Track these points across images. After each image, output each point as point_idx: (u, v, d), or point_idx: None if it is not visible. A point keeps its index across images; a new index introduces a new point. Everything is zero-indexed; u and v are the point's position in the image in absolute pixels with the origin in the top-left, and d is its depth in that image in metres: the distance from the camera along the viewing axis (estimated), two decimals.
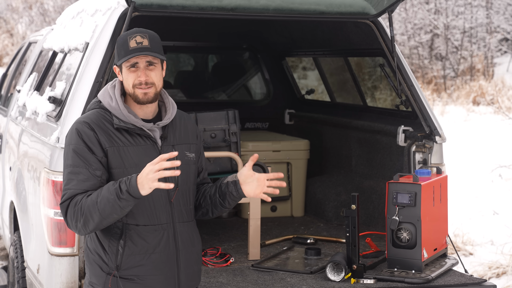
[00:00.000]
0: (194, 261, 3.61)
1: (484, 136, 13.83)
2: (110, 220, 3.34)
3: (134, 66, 3.45)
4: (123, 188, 3.25)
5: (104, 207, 3.29)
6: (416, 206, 4.61)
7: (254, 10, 4.95)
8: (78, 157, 3.40)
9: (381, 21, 5.28)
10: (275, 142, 6.79)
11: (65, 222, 3.42)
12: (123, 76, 3.49)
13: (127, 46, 3.44)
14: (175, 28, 7.05)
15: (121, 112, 3.47)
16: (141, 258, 3.46)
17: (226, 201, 3.57)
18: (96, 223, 3.33)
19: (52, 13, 26.35)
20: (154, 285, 3.48)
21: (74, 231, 3.44)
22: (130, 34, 3.47)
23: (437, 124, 5.23)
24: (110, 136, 3.44)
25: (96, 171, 3.40)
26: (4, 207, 6.55)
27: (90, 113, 3.52)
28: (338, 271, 4.60)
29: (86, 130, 3.43)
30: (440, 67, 19.97)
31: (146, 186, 3.22)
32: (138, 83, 3.44)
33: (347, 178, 6.46)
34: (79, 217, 3.34)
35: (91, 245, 3.54)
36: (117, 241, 3.45)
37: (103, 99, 3.53)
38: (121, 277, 3.45)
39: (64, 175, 3.44)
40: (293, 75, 7.76)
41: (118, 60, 3.47)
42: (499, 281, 7.28)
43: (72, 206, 3.36)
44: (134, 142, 3.47)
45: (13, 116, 6.51)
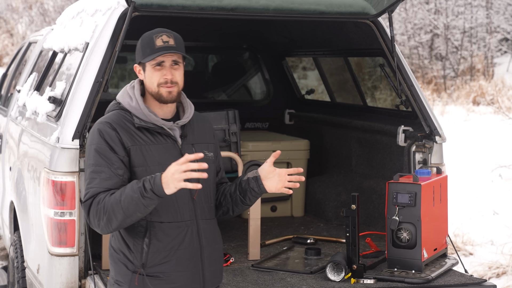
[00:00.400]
0: (217, 259, 3.65)
1: (484, 136, 13.83)
2: (133, 218, 3.36)
3: (159, 64, 3.50)
4: (147, 187, 3.28)
5: (128, 206, 3.31)
6: (416, 206, 4.61)
7: (254, 10, 4.95)
8: (100, 156, 3.43)
9: (381, 21, 5.28)
10: (275, 142, 6.79)
11: (87, 220, 3.44)
12: (147, 74, 3.53)
13: (153, 44, 3.49)
14: (176, 28, 7.04)
15: (141, 111, 3.51)
16: (166, 255, 3.48)
17: (246, 197, 3.61)
18: (119, 222, 3.35)
19: (52, 13, 26.35)
20: (180, 282, 3.50)
21: (96, 230, 3.45)
22: (155, 33, 3.52)
23: (437, 124, 5.23)
24: (132, 135, 3.48)
25: (118, 170, 3.42)
26: (4, 207, 6.55)
27: (110, 114, 3.56)
28: (338, 271, 4.60)
29: (108, 130, 3.47)
30: (440, 67, 19.97)
31: (171, 186, 3.26)
32: (164, 82, 3.49)
33: (347, 178, 6.46)
34: (102, 216, 3.36)
35: (115, 244, 3.56)
36: (142, 239, 3.47)
37: (123, 100, 3.57)
38: (147, 274, 3.47)
39: (86, 175, 3.46)
40: (293, 75, 7.76)
41: (143, 58, 3.50)
42: (499, 281, 7.28)
43: (95, 204, 3.38)
44: (155, 140, 3.51)
45: (13, 116, 6.51)
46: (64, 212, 4.56)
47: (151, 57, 3.47)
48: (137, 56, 3.56)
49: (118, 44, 4.72)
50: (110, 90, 7.98)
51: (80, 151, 4.58)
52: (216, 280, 3.65)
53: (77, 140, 4.57)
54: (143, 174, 3.44)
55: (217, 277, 3.65)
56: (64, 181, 4.55)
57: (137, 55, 3.57)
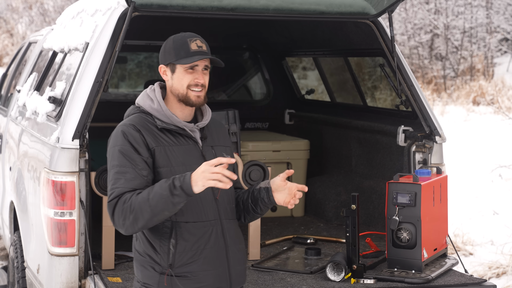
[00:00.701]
0: (241, 259, 3.67)
1: (484, 136, 13.83)
2: (160, 217, 3.37)
3: (192, 68, 3.54)
4: (177, 184, 3.32)
5: (157, 204, 3.33)
6: (416, 206, 4.61)
7: (254, 10, 4.95)
8: (124, 157, 3.45)
9: (381, 21, 5.28)
10: (275, 142, 6.79)
11: (111, 220, 3.44)
12: (176, 76, 3.56)
13: (188, 48, 3.53)
14: (175, 28, 7.05)
15: (163, 113, 3.56)
16: (193, 254, 3.50)
17: (258, 206, 3.66)
18: (146, 220, 3.36)
19: (52, 13, 26.35)
20: (207, 281, 3.52)
21: (120, 230, 3.45)
22: (189, 37, 3.57)
23: (437, 124, 5.23)
24: (156, 137, 3.52)
25: (142, 171, 3.45)
26: (4, 207, 6.55)
27: (132, 117, 3.60)
28: (338, 271, 4.60)
29: (131, 131, 3.50)
30: (440, 67, 19.97)
31: (199, 183, 3.29)
32: (194, 84, 3.54)
33: (347, 178, 6.46)
34: (127, 215, 3.37)
35: (140, 247, 3.57)
36: (168, 239, 3.49)
37: (143, 103, 3.61)
38: (175, 275, 3.49)
39: (110, 175, 3.47)
40: (293, 75, 7.77)
41: (177, 59, 3.53)
42: (499, 281, 7.28)
43: (121, 204, 3.39)
44: (177, 142, 3.55)
45: (13, 116, 6.50)
46: (64, 212, 4.56)
47: (188, 60, 3.52)
48: (167, 56, 3.57)
49: (118, 44, 4.72)
50: (110, 90, 7.99)
51: (80, 151, 4.58)
52: (241, 280, 3.68)
53: (77, 140, 4.57)
54: (168, 174, 3.47)
55: (242, 277, 3.68)
56: (64, 181, 4.55)
57: (166, 55, 3.58)
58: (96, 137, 5.77)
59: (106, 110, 6.33)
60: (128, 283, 4.56)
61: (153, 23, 6.53)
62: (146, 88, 3.71)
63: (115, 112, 7.06)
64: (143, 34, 7.06)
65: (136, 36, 6.78)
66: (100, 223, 4.89)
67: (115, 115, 6.95)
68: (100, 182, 4.80)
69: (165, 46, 3.60)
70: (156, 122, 3.55)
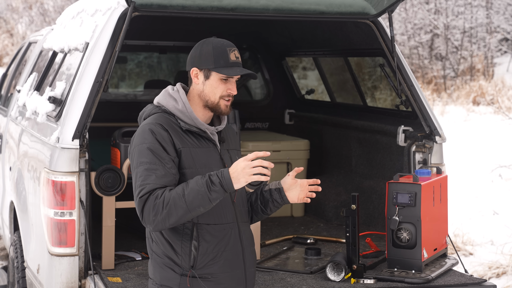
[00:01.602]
0: (253, 261, 3.72)
1: (484, 136, 13.82)
2: (194, 213, 3.39)
3: (226, 78, 3.57)
4: (215, 180, 3.34)
5: (193, 200, 3.34)
6: (416, 206, 4.61)
7: (254, 10, 4.95)
8: (154, 155, 3.45)
9: (381, 21, 5.28)
10: (275, 142, 6.79)
11: (139, 216, 3.43)
12: (210, 83, 3.57)
13: (228, 57, 3.55)
14: (175, 28, 7.06)
15: (188, 114, 3.57)
16: (214, 256, 3.53)
17: (268, 208, 3.69)
18: (179, 216, 3.37)
19: (52, 13, 26.35)
20: (226, 283, 3.56)
21: (149, 226, 3.43)
22: (228, 46, 3.58)
23: (437, 124, 5.23)
24: (181, 138, 3.54)
25: (171, 169, 3.46)
26: (4, 207, 6.55)
27: (156, 116, 3.58)
28: (338, 271, 4.60)
29: (160, 130, 3.50)
30: (440, 67, 19.97)
31: (242, 180, 3.34)
32: (227, 95, 3.58)
33: (347, 178, 6.46)
34: (160, 210, 3.36)
35: (157, 249, 3.56)
36: (190, 241, 3.50)
37: (166, 103, 3.61)
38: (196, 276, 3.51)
39: (140, 171, 3.45)
40: (293, 75, 7.76)
41: (215, 67, 3.54)
42: (499, 281, 7.28)
43: (153, 199, 3.38)
44: (200, 144, 3.57)
45: (13, 116, 6.51)
46: (64, 212, 4.56)
47: (228, 70, 3.54)
48: (203, 61, 3.57)
49: (118, 44, 4.72)
50: (110, 90, 7.98)
51: (80, 151, 4.58)
52: (253, 282, 3.73)
53: (77, 140, 4.57)
54: (192, 175, 3.48)
55: (253, 279, 3.73)
56: (64, 181, 4.56)
57: (202, 60, 3.57)
58: (96, 137, 5.78)
59: (106, 110, 6.34)
60: (128, 283, 4.56)
61: (153, 23, 6.53)
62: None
63: (115, 112, 7.09)
64: (143, 34, 7.06)
65: (136, 36, 6.79)
66: (100, 223, 4.89)
67: (115, 115, 6.99)
68: (100, 182, 4.80)
69: (202, 50, 3.59)
70: (179, 123, 3.56)
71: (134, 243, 5.48)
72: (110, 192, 4.84)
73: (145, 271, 4.81)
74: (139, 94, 8.21)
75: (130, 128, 5.33)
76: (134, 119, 7.02)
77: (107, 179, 4.82)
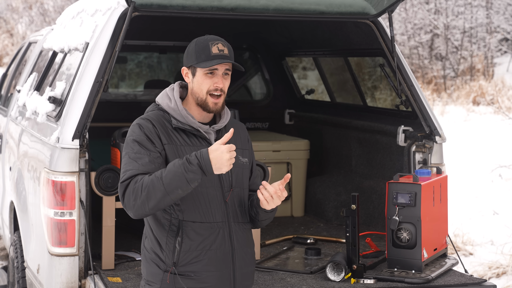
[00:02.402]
0: (249, 262, 3.68)
1: (484, 136, 13.82)
2: (173, 197, 3.38)
3: (212, 72, 3.55)
4: (193, 161, 3.34)
5: (170, 182, 3.34)
6: (416, 206, 4.61)
7: (254, 10, 4.95)
8: (140, 145, 3.49)
9: (381, 21, 5.28)
10: (275, 142, 6.79)
11: (121, 202, 3.45)
12: (197, 79, 3.58)
13: (209, 51, 3.54)
14: (175, 28, 7.05)
15: (179, 112, 3.58)
16: (197, 254, 3.52)
17: (253, 209, 3.68)
18: (157, 200, 3.37)
19: (52, 13, 26.35)
20: (210, 282, 3.54)
21: (130, 212, 3.44)
22: (211, 40, 3.57)
23: (437, 124, 5.23)
24: (169, 135, 3.55)
25: (157, 159, 3.48)
26: (4, 207, 6.55)
27: (150, 113, 3.64)
28: (338, 271, 4.60)
29: (147, 124, 3.54)
30: (440, 67, 19.97)
31: (224, 169, 3.36)
32: (214, 89, 3.56)
33: (347, 178, 6.46)
34: (139, 193, 3.38)
35: (148, 244, 3.60)
36: (175, 237, 3.52)
37: (162, 101, 3.64)
38: (178, 273, 3.51)
39: (124, 160, 3.49)
40: (293, 75, 7.77)
41: (197, 63, 3.55)
42: (499, 281, 7.28)
43: (133, 183, 3.41)
44: (190, 142, 3.57)
45: (13, 116, 6.50)
46: (64, 212, 4.56)
47: (207, 63, 3.53)
48: (189, 59, 3.60)
49: (118, 44, 4.72)
50: (110, 90, 7.98)
51: (80, 151, 4.58)
52: (247, 283, 3.70)
53: (77, 140, 4.57)
54: None
55: (248, 280, 3.70)
56: (64, 181, 4.56)
57: (188, 58, 3.61)
58: (96, 137, 5.77)
59: (106, 110, 6.33)
60: (128, 283, 4.56)
61: (153, 23, 6.53)
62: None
63: (115, 112, 7.09)
64: (143, 34, 7.06)
65: (136, 36, 6.79)
66: (100, 223, 4.90)
67: (115, 115, 6.99)
68: (100, 182, 4.80)
69: (188, 48, 3.63)
70: (171, 121, 3.58)
71: (134, 243, 5.48)
72: (110, 192, 4.84)
73: None
74: (139, 94, 8.21)
75: None
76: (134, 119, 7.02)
77: (107, 179, 4.82)
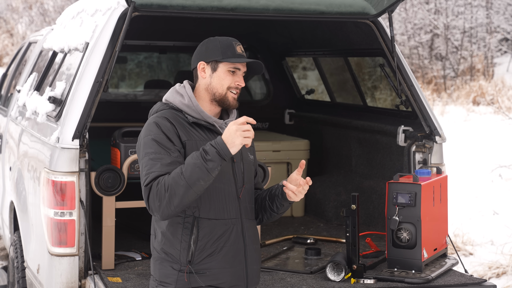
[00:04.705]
0: (257, 258, 3.69)
1: (484, 136, 13.83)
2: (196, 189, 3.38)
3: (234, 71, 3.62)
4: (209, 150, 3.36)
5: (191, 174, 3.35)
6: (416, 206, 4.61)
7: (254, 10, 4.95)
8: (159, 145, 3.48)
9: (381, 21, 5.28)
10: (275, 142, 6.79)
11: (146, 206, 3.45)
12: (218, 75, 3.62)
13: (234, 50, 3.64)
14: (175, 28, 7.05)
15: (194, 108, 3.60)
16: (212, 251, 3.53)
17: (274, 204, 3.69)
18: (181, 196, 3.36)
19: (52, 13, 26.35)
20: (225, 278, 3.55)
21: (157, 214, 3.44)
22: (233, 40, 3.69)
23: (437, 124, 5.23)
24: (187, 131, 3.57)
25: (178, 158, 3.48)
26: (4, 207, 6.55)
27: (163, 111, 3.63)
28: (338, 271, 4.60)
29: (165, 122, 3.54)
30: (440, 67, 19.97)
31: (237, 142, 3.37)
32: (235, 87, 3.62)
33: (347, 178, 6.46)
34: (163, 194, 3.38)
35: (158, 245, 3.59)
36: (189, 235, 3.52)
37: (173, 99, 3.65)
38: (194, 272, 3.51)
39: (145, 161, 3.48)
40: (293, 75, 7.77)
41: (223, 58, 3.60)
42: (499, 281, 7.28)
43: (155, 185, 3.40)
44: (207, 137, 3.60)
45: (13, 116, 6.51)
46: (64, 212, 4.56)
47: (234, 60, 3.59)
48: (210, 54, 3.64)
49: (118, 44, 4.72)
50: (110, 90, 7.99)
51: (80, 151, 4.58)
52: (256, 280, 3.71)
53: (77, 140, 4.57)
54: None
55: (257, 277, 3.71)
56: (64, 181, 4.56)
57: (209, 53, 3.64)
58: (96, 137, 5.78)
59: (106, 110, 6.34)
60: (128, 283, 4.56)
61: (153, 23, 6.53)
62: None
63: (115, 112, 7.09)
64: (143, 34, 7.06)
65: (136, 36, 6.79)
66: (100, 223, 4.90)
67: (115, 115, 6.99)
68: (100, 182, 4.80)
69: (208, 45, 3.67)
70: (187, 118, 3.59)
71: (134, 243, 5.48)
72: (110, 192, 4.84)
73: (145, 271, 4.81)
74: (139, 94, 8.21)
75: (130, 128, 5.33)
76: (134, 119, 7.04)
77: (107, 179, 4.82)
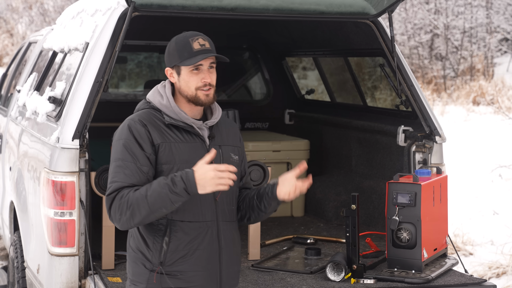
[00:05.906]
0: (235, 261, 3.67)
1: (484, 136, 13.82)
2: (157, 215, 3.38)
3: (197, 68, 3.53)
4: (178, 183, 3.32)
5: (155, 201, 3.34)
6: (416, 206, 4.61)
7: (254, 10, 4.95)
8: (127, 151, 3.46)
9: (381, 21, 5.28)
10: (275, 142, 6.79)
11: (108, 214, 3.45)
12: (183, 78, 3.55)
13: (191, 48, 3.51)
14: (175, 28, 7.04)
15: (172, 109, 3.55)
16: (184, 254, 3.50)
17: (262, 203, 3.64)
18: (142, 217, 3.37)
19: (52, 13, 26.35)
20: (197, 281, 3.53)
21: (116, 225, 3.45)
22: (190, 36, 3.54)
23: (437, 124, 5.23)
24: (162, 133, 3.52)
25: (143, 167, 3.45)
26: (4, 207, 6.55)
27: (141, 112, 3.60)
28: (338, 271, 4.60)
29: (137, 126, 3.50)
30: (440, 67, 19.97)
31: (208, 189, 3.33)
32: (203, 85, 3.53)
33: (347, 178, 6.46)
34: (124, 210, 3.37)
35: (133, 243, 3.58)
36: (162, 237, 3.50)
37: (153, 98, 3.61)
38: (165, 273, 3.50)
39: (111, 168, 3.49)
40: (293, 75, 7.77)
41: (181, 61, 3.52)
42: (499, 281, 7.28)
43: (118, 199, 3.40)
44: (184, 139, 3.54)
45: (13, 116, 6.51)
46: (64, 212, 4.56)
47: (191, 60, 3.50)
48: (171, 59, 3.57)
49: (118, 44, 4.72)
50: (110, 90, 7.98)
51: (80, 151, 4.58)
52: (233, 282, 3.68)
53: (77, 140, 4.57)
54: (170, 171, 3.47)
55: (234, 279, 3.68)
56: (64, 181, 4.56)
57: (170, 58, 3.57)
58: (96, 137, 5.77)
59: (106, 110, 6.33)
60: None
61: (153, 23, 6.53)
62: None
63: (115, 112, 7.08)
64: (143, 34, 7.06)
65: (136, 36, 6.78)
66: (100, 223, 4.89)
67: (115, 115, 6.97)
68: (100, 182, 4.80)
69: (169, 48, 3.59)
70: (164, 118, 3.54)
71: None
72: None
73: None
74: (139, 94, 8.21)
75: None
76: None
77: (107, 179, 4.81)
